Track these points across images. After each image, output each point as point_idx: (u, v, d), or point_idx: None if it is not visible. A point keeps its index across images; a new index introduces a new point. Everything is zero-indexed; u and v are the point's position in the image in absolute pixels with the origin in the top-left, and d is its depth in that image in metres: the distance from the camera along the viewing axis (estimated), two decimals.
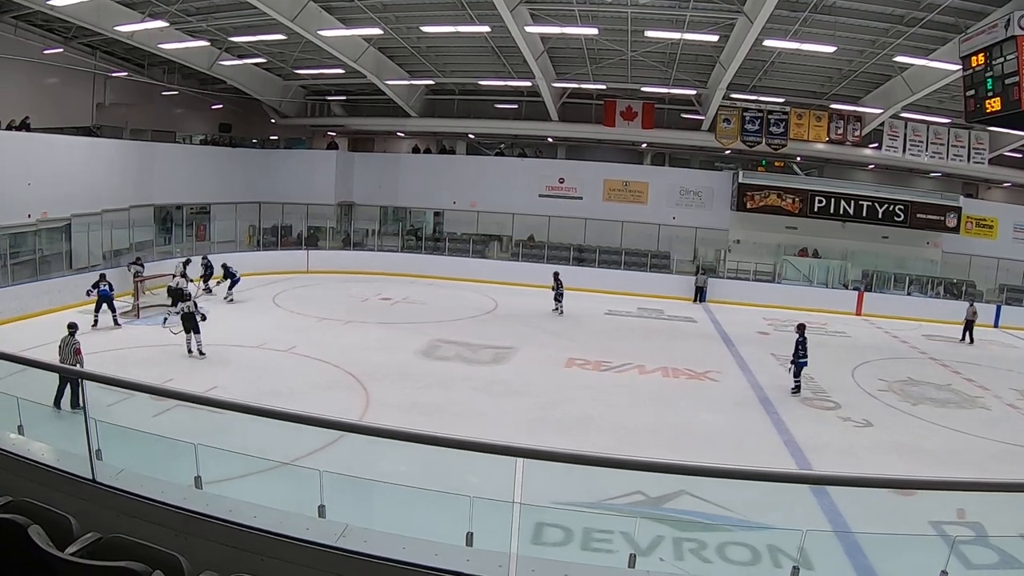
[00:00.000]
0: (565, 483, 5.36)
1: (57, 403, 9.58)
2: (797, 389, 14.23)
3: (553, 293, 21.66)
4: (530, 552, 3.23)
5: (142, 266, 19.46)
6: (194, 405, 3.93)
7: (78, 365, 10.42)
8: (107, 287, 16.56)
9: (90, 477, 3.62)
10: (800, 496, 8.02)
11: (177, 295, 16.75)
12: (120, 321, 16.78)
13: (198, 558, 2.66)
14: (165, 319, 16.72)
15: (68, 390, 9.61)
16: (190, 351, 14.42)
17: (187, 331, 14.38)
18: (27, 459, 3.77)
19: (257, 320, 18.07)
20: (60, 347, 10.93)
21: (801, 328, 14.40)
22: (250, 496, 3.56)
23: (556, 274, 22.09)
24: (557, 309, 21.57)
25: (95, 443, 3.72)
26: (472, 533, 3.25)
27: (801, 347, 14.13)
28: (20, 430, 4.32)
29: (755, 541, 7.17)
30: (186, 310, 14.53)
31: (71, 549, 2.60)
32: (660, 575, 3.54)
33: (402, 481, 4.02)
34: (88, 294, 16.60)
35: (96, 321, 16.29)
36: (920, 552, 5.50)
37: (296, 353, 15.25)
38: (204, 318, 14.75)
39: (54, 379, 9.36)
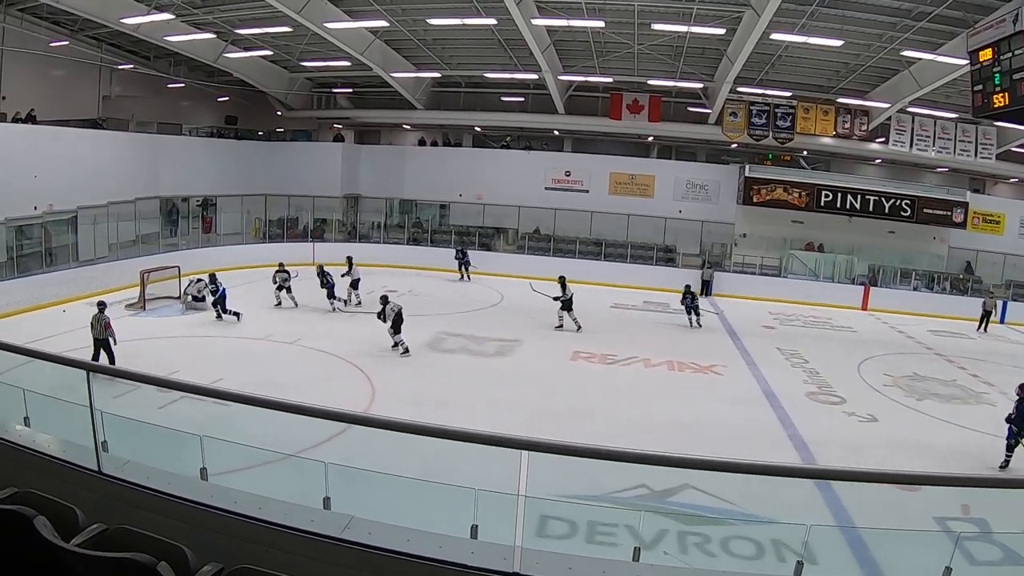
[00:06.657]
0: (570, 476, 5.34)
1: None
2: (1006, 464, 10.57)
3: (688, 306, 19.60)
4: (534, 545, 3.22)
5: (288, 273, 19.39)
6: (200, 397, 3.93)
7: (110, 337, 12.48)
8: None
9: (96, 469, 3.63)
10: (804, 491, 8.00)
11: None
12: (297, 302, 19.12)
13: (203, 549, 2.66)
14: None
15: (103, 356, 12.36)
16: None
17: None
18: (33, 450, 3.79)
19: (262, 312, 18.08)
20: (91, 324, 12.51)
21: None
22: (255, 488, 3.56)
23: (688, 287, 20.10)
24: (695, 322, 19.69)
25: (101, 435, 3.74)
26: (477, 526, 3.25)
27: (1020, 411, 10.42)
28: (26, 421, 4.33)
29: (759, 535, 7.16)
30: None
31: (77, 540, 2.61)
32: (664, 569, 3.53)
33: (407, 473, 4.01)
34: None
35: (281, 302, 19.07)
36: (924, 548, 5.47)
37: (301, 345, 15.29)
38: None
39: (58, 371, 9.44)
